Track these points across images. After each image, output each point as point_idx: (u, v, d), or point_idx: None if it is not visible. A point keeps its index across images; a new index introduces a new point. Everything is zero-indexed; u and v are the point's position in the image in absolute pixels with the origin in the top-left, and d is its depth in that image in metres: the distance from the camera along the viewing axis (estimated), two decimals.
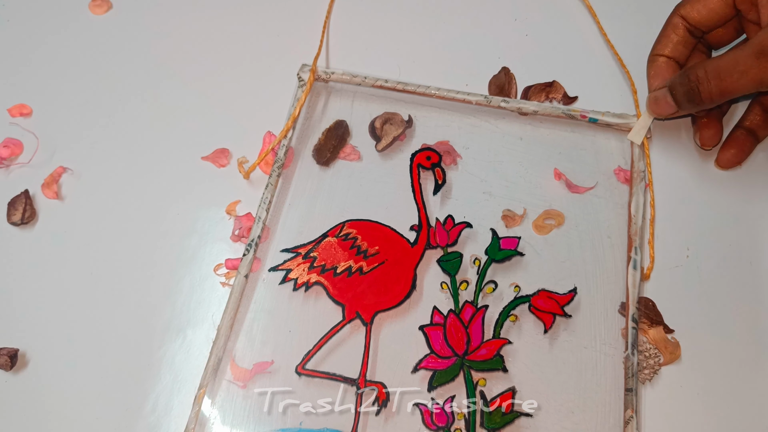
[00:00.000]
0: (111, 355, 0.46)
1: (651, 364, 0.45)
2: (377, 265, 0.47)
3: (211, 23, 0.58)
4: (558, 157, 0.51)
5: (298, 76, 0.53)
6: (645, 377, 0.44)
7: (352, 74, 0.54)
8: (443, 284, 0.47)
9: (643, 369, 0.44)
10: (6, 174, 0.52)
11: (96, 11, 0.59)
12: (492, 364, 0.44)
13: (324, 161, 0.51)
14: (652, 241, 0.48)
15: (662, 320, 0.46)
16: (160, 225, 0.50)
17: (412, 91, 0.53)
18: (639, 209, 0.49)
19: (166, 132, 0.53)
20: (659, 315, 0.46)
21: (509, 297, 0.46)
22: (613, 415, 0.43)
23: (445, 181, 0.50)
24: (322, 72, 0.54)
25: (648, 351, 0.45)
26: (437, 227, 0.48)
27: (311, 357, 0.45)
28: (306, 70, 0.54)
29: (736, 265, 0.48)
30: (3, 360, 0.45)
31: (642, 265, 0.47)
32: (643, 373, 0.44)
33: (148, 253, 0.49)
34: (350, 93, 0.54)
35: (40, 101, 0.55)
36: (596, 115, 0.52)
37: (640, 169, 0.50)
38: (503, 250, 0.48)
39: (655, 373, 0.45)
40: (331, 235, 0.48)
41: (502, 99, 0.53)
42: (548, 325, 0.45)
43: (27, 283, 0.48)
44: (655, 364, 0.45)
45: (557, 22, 0.58)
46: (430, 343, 0.45)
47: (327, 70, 0.54)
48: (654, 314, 0.46)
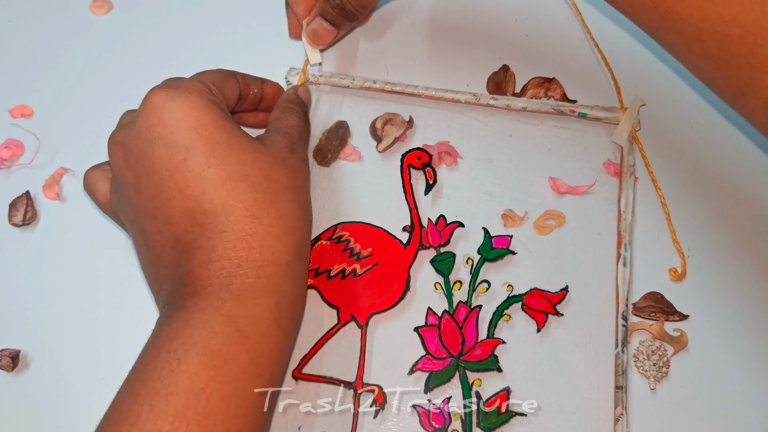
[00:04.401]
0: (113, 356, 0.44)
1: (657, 360, 0.43)
2: (371, 267, 0.45)
3: (212, 24, 0.56)
4: (548, 154, 0.49)
5: (287, 80, 0.51)
6: (662, 375, 0.43)
7: (341, 76, 0.51)
8: (437, 285, 0.45)
9: (654, 367, 0.43)
10: (7, 175, 0.50)
11: (97, 12, 0.57)
12: (487, 364, 0.43)
13: (324, 161, 0.49)
14: (675, 239, 0.46)
15: (675, 309, 0.44)
16: None
17: (401, 91, 0.51)
18: (629, 205, 0.47)
19: None
20: (671, 305, 0.44)
21: (502, 296, 0.45)
22: (604, 412, 0.42)
23: (436, 181, 0.48)
24: (311, 75, 0.51)
25: (653, 349, 0.43)
26: (429, 227, 0.46)
27: (308, 361, 0.43)
28: (294, 73, 0.51)
29: (736, 266, 0.46)
30: (5, 361, 0.44)
31: (673, 266, 0.46)
32: (661, 371, 0.43)
33: None
34: (339, 95, 0.52)
35: (41, 102, 0.53)
36: (585, 110, 0.49)
37: (629, 163, 0.48)
38: (495, 249, 0.46)
39: (667, 367, 0.43)
40: (324, 239, 0.46)
41: (491, 96, 0.50)
42: (541, 324, 0.44)
43: (28, 284, 0.47)
44: (663, 356, 0.43)
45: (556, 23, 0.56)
46: (425, 345, 0.43)
47: (316, 73, 0.51)
48: (666, 306, 0.44)
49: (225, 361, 0.34)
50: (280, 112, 0.45)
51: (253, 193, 0.37)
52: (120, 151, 0.38)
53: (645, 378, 0.43)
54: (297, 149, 0.42)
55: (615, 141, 0.49)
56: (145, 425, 0.32)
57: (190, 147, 0.36)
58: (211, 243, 0.36)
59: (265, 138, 0.41)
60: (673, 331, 0.44)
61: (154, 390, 0.33)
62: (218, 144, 0.37)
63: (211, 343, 0.34)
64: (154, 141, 0.37)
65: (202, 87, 0.39)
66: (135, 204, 0.38)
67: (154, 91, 0.38)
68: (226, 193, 0.36)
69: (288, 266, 0.37)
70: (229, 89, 0.42)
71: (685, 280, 0.45)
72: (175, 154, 0.36)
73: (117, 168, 0.39)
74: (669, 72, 0.52)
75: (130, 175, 0.38)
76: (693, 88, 0.52)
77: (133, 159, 0.38)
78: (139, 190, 0.38)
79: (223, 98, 0.41)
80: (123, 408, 0.33)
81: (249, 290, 0.36)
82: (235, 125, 0.39)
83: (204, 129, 0.37)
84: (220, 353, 0.34)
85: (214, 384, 0.33)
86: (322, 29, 0.48)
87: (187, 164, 0.36)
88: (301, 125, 0.44)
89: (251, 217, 0.36)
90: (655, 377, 0.43)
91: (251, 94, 0.45)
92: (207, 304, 0.35)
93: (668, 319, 0.44)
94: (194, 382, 0.33)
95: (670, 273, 0.45)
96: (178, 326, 0.35)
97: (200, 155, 0.36)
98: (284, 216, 0.38)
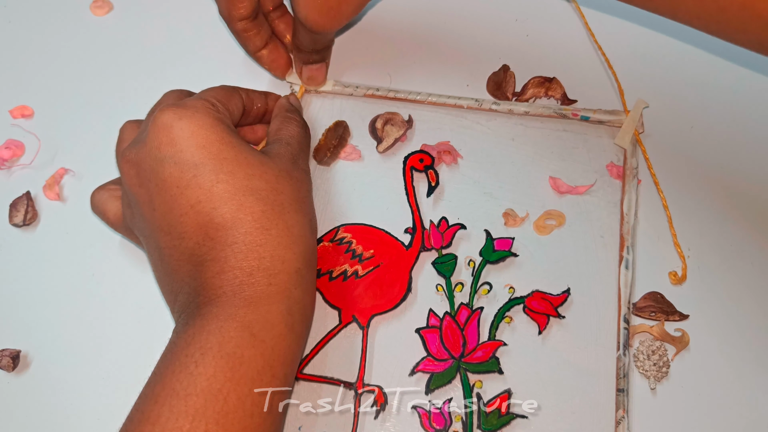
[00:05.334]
0: (113, 356, 0.44)
1: (657, 360, 0.43)
2: (372, 268, 0.45)
3: (212, 24, 0.56)
4: (550, 156, 0.49)
5: (290, 87, 0.51)
6: (662, 375, 0.42)
7: (344, 85, 0.51)
8: (438, 286, 0.45)
9: (654, 367, 0.42)
10: (8, 175, 0.50)
11: (97, 12, 0.56)
12: (488, 366, 0.42)
13: (323, 161, 0.49)
14: (677, 242, 0.46)
15: (675, 309, 0.44)
16: None
17: (404, 98, 0.51)
18: (631, 207, 0.47)
19: None
20: (671, 305, 0.44)
21: (504, 298, 0.44)
22: (605, 415, 0.41)
23: (438, 183, 0.48)
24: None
25: (653, 349, 0.43)
26: (431, 229, 0.46)
27: (309, 361, 0.43)
28: (296, 77, 0.51)
29: (736, 266, 0.46)
30: (5, 361, 0.44)
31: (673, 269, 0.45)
32: (661, 371, 0.42)
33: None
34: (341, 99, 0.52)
35: (42, 103, 0.53)
36: (588, 113, 0.49)
37: (632, 166, 0.48)
38: (497, 251, 0.46)
39: (667, 368, 0.43)
40: (326, 240, 0.46)
41: (493, 101, 0.50)
42: (542, 327, 0.43)
43: (29, 285, 0.47)
44: (664, 356, 0.43)
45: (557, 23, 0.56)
46: (426, 346, 0.43)
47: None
48: (666, 305, 0.44)
49: (240, 363, 0.35)
50: (279, 122, 0.46)
51: (261, 205, 0.38)
52: (132, 169, 0.40)
53: (645, 378, 0.43)
54: (299, 160, 0.43)
55: (618, 144, 0.49)
56: (167, 425, 0.33)
57: (200, 164, 0.38)
58: (224, 255, 0.37)
59: (269, 150, 0.42)
60: (675, 331, 0.44)
61: (174, 392, 0.34)
62: (226, 160, 0.38)
63: (227, 347, 0.35)
64: (165, 159, 0.38)
65: (208, 105, 0.40)
66: (149, 220, 0.39)
67: (163, 111, 0.39)
68: (235, 207, 0.37)
69: (298, 273, 0.38)
70: (233, 105, 0.43)
71: (685, 280, 0.45)
72: (185, 171, 0.38)
73: (130, 186, 0.40)
74: (670, 73, 0.52)
75: (143, 192, 0.39)
76: (695, 90, 0.52)
77: (145, 177, 0.39)
78: (152, 207, 0.39)
79: (228, 114, 0.42)
80: (145, 409, 0.34)
81: (262, 297, 0.37)
82: (241, 140, 0.40)
83: (212, 146, 0.38)
84: (235, 356, 0.35)
85: (231, 385, 0.34)
86: (313, 72, 0.50)
87: (198, 181, 0.38)
88: (301, 135, 0.45)
89: (261, 229, 0.37)
90: (655, 377, 0.42)
91: (255, 108, 0.46)
92: (221, 311, 0.36)
93: (668, 319, 0.44)
94: (212, 384, 0.34)
95: (670, 276, 0.45)
96: (195, 332, 0.36)
97: (209, 172, 0.38)
98: (291, 226, 0.39)
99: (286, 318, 0.37)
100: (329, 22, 0.45)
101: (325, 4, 0.44)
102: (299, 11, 0.44)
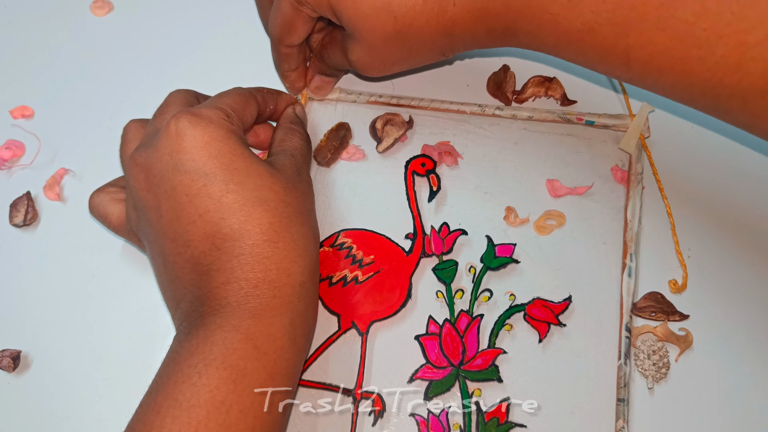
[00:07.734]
0: (114, 356, 0.44)
1: (657, 360, 0.42)
2: (372, 274, 0.44)
3: (212, 24, 0.56)
4: (554, 161, 0.49)
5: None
6: (661, 376, 0.42)
7: (347, 92, 0.51)
8: (439, 293, 0.44)
9: (654, 367, 0.42)
10: (8, 176, 0.50)
11: (97, 13, 0.56)
12: (487, 374, 0.42)
13: (324, 162, 0.49)
14: (678, 249, 0.46)
15: (675, 309, 0.44)
16: None
17: (406, 104, 0.51)
18: (635, 214, 0.46)
19: None
20: (671, 305, 0.44)
21: (504, 306, 0.44)
22: (605, 424, 0.41)
23: (439, 188, 0.47)
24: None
25: (653, 349, 0.43)
26: (432, 235, 0.46)
27: (307, 367, 0.42)
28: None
29: (737, 268, 0.45)
30: (6, 362, 0.44)
31: (673, 277, 0.45)
32: (660, 372, 0.42)
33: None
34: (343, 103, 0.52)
35: (42, 103, 0.53)
36: (592, 117, 0.49)
37: (637, 171, 0.47)
38: (498, 257, 0.45)
39: (667, 368, 0.43)
40: (326, 245, 0.46)
41: (496, 107, 0.50)
42: (543, 335, 0.43)
43: (29, 285, 0.46)
44: (664, 357, 0.43)
45: None
46: (425, 353, 0.43)
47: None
48: (666, 306, 0.44)
49: (243, 375, 0.35)
50: (283, 133, 0.45)
51: (269, 217, 0.38)
52: (142, 173, 0.39)
53: (644, 377, 0.42)
54: (302, 172, 0.43)
55: (623, 148, 0.48)
56: None
57: (210, 174, 0.38)
58: (230, 265, 0.37)
59: (274, 162, 0.42)
60: (679, 330, 0.43)
61: (176, 402, 0.34)
62: (237, 170, 0.38)
63: (230, 359, 0.35)
64: (176, 167, 0.38)
65: (222, 115, 0.40)
66: (155, 225, 0.39)
67: (177, 118, 0.38)
68: (244, 218, 0.37)
69: (302, 287, 0.38)
70: (248, 113, 0.43)
71: (685, 289, 0.45)
72: (195, 180, 0.38)
73: (138, 190, 0.40)
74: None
75: (150, 197, 0.39)
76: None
77: (154, 183, 0.39)
78: (159, 213, 0.39)
79: (241, 125, 0.42)
80: (147, 420, 0.34)
81: (266, 309, 0.37)
82: (251, 152, 0.40)
83: (223, 157, 0.38)
84: (239, 368, 0.35)
85: (234, 397, 0.34)
86: (324, 83, 0.50)
87: (207, 190, 0.37)
88: (304, 147, 0.45)
89: (268, 241, 0.37)
90: (653, 377, 0.42)
91: (267, 110, 0.46)
92: (225, 322, 0.36)
93: (669, 319, 0.43)
94: (215, 395, 0.34)
95: (669, 285, 0.45)
96: (198, 343, 0.35)
97: (220, 182, 0.38)
98: (297, 239, 0.39)
99: (289, 331, 0.37)
100: (376, 74, 0.47)
101: (380, 67, 0.45)
102: (354, 61, 0.45)
